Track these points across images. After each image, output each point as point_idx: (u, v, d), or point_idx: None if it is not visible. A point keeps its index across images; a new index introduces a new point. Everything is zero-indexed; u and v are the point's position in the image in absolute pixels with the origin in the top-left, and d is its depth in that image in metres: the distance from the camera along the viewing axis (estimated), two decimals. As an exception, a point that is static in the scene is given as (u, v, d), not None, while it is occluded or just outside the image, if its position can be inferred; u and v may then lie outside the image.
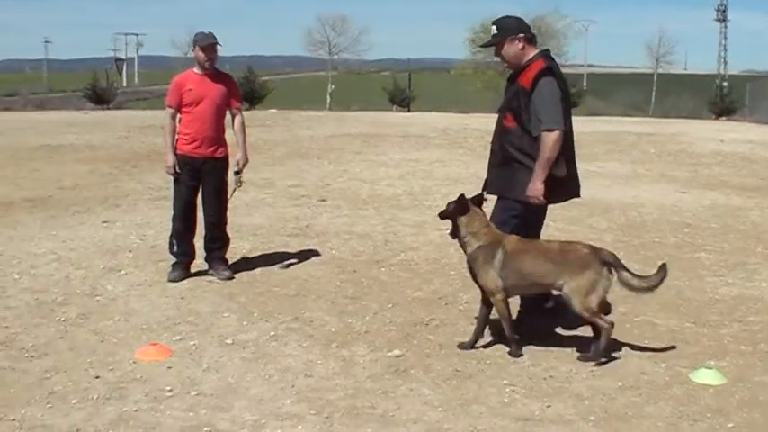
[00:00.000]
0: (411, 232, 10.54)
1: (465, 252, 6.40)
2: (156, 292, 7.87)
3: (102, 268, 8.59)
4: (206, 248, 8.38)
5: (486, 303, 6.39)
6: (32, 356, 6.26)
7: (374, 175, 15.21)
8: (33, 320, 7.02)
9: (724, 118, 33.82)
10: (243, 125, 8.27)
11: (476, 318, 6.66)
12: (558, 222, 11.13)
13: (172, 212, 8.35)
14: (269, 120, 25.95)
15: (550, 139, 6.25)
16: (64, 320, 7.05)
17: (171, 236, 8.28)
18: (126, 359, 6.23)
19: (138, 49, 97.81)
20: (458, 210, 6.39)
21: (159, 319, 7.10)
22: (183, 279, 8.19)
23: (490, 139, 6.92)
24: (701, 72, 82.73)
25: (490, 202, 6.84)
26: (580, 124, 7.71)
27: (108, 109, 33.57)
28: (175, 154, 8.09)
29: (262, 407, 5.51)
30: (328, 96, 34.10)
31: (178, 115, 8.18)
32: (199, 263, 8.57)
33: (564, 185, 6.52)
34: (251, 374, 6.01)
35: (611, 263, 6.08)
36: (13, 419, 5.21)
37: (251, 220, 10.93)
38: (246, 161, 8.31)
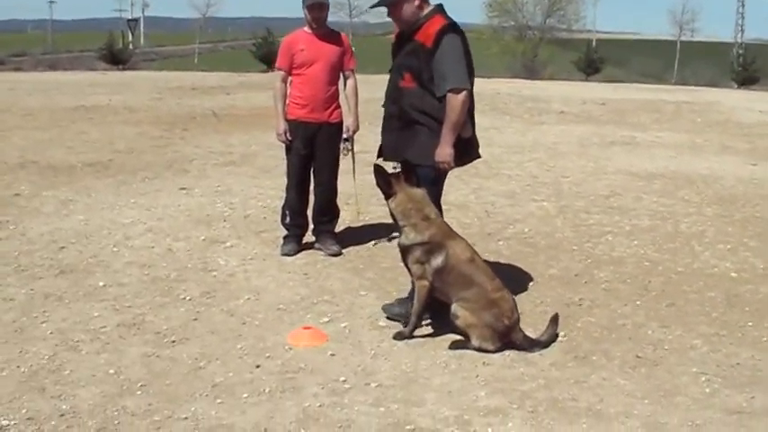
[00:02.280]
0: (507, 203, 9.95)
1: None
2: (273, 266, 7.25)
3: (202, 240, 7.94)
4: (315, 221, 7.84)
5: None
6: (173, 342, 5.65)
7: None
8: (155, 299, 6.39)
9: (746, 87, 33.21)
10: (356, 88, 7.67)
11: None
12: (650, 195, 10.60)
13: (285, 182, 7.77)
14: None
15: (458, 101, 5.70)
16: (189, 299, 6.42)
17: (284, 206, 7.74)
18: (279, 345, 5.62)
19: (143, 10, 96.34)
20: (384, 188, 5.78)
21: (293, 299, 6.49)
22: (298, 253, 7.62)
23: (529, 105, 6.24)
24: (714, 40, 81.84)
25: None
26: (612, 91, 6.84)
27: (124, 69, 32.68)
28: (286, 120, 7.38)
29: (455, 400, 4.96)
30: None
31: (289, 78, 7.52)
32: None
33: (469, 147, 6.04)
34: (424, 362, 5.44)
35: (517, 346, 5.65)
36: (186, 417, 4.64)
37: (342, 187, 10.24)
38: (357, 128, 7.66)
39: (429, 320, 6.00)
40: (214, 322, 5.99)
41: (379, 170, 5.84)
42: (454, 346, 5.63)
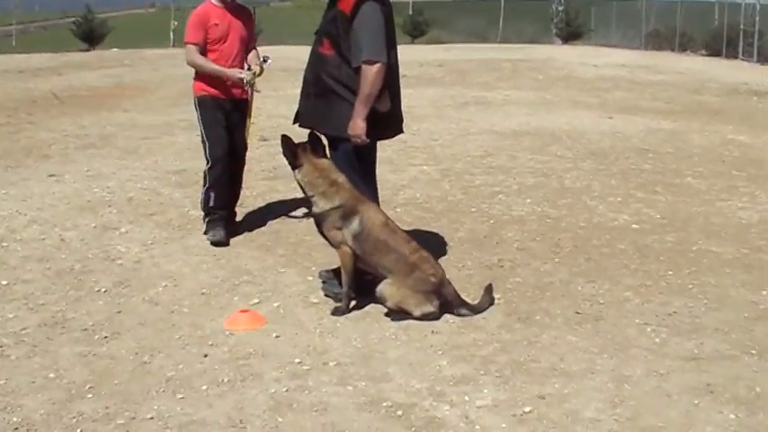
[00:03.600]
0: (388, 169, 9.85)
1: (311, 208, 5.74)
2: (178, 250, 6.96)
3: (93, 227, 7.53)
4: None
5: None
6: (105, 338, 5.30)
7: (292, 110, 14.21)
8: (68, 294, 5.99)
9: (570, 42, 34.34)
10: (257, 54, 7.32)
11: None
12: (523, 153, 10.82)
13: (206, 162, 7.22)
14: (126, 60, 24.27)
15: (371, 73, 5.53)
16: (105, 291, 6.05)
17: (208, 187, 7.18)
18: (217, 331, 5.37)
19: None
20: (290, 159, 5.72)
21: (212, 282, 6.23)
22: (229, 238, 7.15)
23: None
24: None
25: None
26: (444, 52, 6.78)
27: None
28: (197, 96, 7.17)
29: (420, 372, 4.88)
30: (171, 33, 32.20)
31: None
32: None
33: (389, 122, 5.92)
34: (373, 336, 5.35)
35: (449, 302, 5.62)
36: (151, 417, 4.36)
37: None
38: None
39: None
40: (140, 313, 5.65)
41: (285, 141, 5.71)
42: (397, 317, 5.48)
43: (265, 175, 9.48)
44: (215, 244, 7.04)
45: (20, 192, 8.71)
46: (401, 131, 6.12)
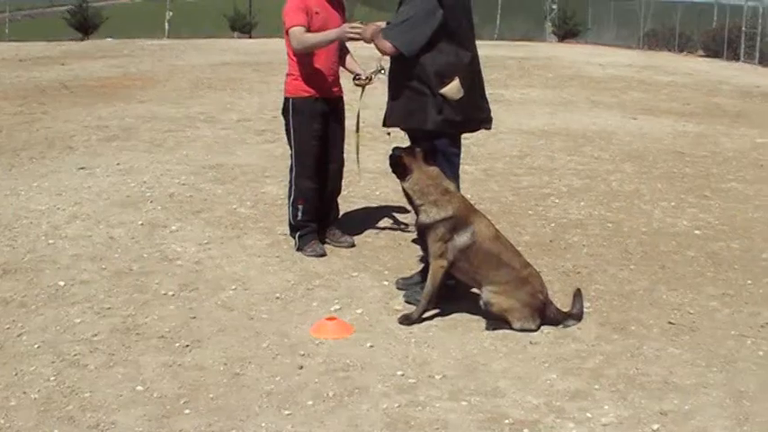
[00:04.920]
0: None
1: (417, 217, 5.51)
2: (237, 251, 6.72)
3: (141, 224, 7.22)
4: (325, 208, 6.91)
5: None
6: (186, 346, 5.01)
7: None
8: (133, 297, 5.69)
9: (566, 41, 34.21)
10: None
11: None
12: (559, 153, 10.58)
13: (294, 169, 6.70)
14: (124, 50, 23.79)
15: (383, 45, 5.53)
16: (172, 295, 5.75)
17: (294, 199, 6.67)
18: (306, 340, 5.11)
19: None
20: (399, 169, 5.49)
21: (284, 286, 5.96)
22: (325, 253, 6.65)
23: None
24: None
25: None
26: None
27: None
28: (292, 97, 6.63)
29: (531, 386, 4.67)
30: (167, 24, 31.73)
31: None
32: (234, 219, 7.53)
33: (468, 113, 5.71)
34: (471, 347, 5.12)
35: (552, 320, 5.43)
36: (264, 436, 3.95)
37: (241, 160, 9.68)
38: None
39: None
40: (216, 319, 5.35)
41: (395, 151, 5.53)
42: (492, 326, 5.24)
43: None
44: (317, 257, 6.62)
45: (52, 185, 8.39)
46: (487, 126, 5.89)
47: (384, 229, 7.30)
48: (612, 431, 4.20)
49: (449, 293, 5.55)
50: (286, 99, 6.54)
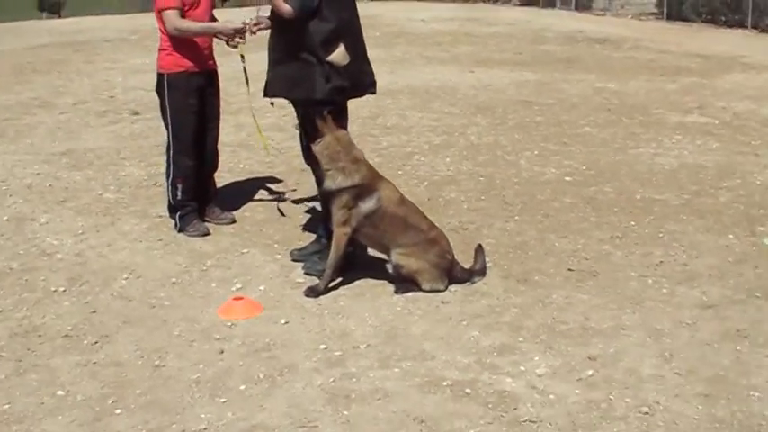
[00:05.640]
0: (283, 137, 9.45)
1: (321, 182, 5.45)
2: (116, 237, 6.47)
3: (6, 220, 6.90)
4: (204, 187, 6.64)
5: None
6: (96, 342, 4.80)
7: (145, 82, 13.42)
8: (23, 297, 5.43)
9: None
10: None
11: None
12: (410, 111, 10.67)
13: (171, 148, 6.50)
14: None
15: (282, 8, 5.38)
16: (63, 291, 5.52)
17: (174, 179, 6.44)
18: (217, 322, 4.98)
19: None
20: (310, 130, 5.41)
21: (176, 269, 5.78)
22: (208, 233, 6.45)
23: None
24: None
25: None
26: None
27: None
28: (167, 73, 6.37)
29: (457, 345, 4.73)
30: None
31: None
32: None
33: (355, 79, 5.61)
34: (385, 313, 5.10)
35: (458, 279, 5.48)
36: (205, 428, 3.95)
37: (90, 144, 9.35)
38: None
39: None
40: (118, 311, 5.15)
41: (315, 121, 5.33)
42: (401, 290, 5.24)
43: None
44: (199, 236, 6.44)
45: None
46: (372, 90, 5.79)
47: (260, 201, 7.18)
48: (549, 381, 4.26)
49: (349, 261, 5.46)
50: (160, 75, 6.28)
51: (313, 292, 5.25)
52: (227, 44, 6.23)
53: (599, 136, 9.35)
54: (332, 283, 5.35)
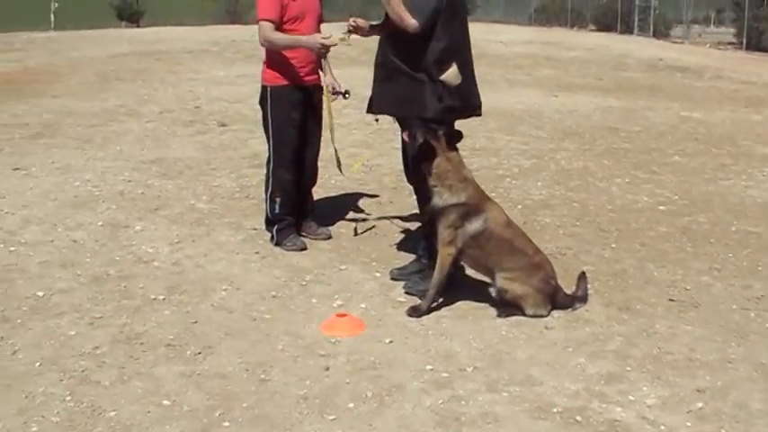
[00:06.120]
0: (371, 153, 9.43)
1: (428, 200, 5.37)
2: (212, 248, 6.50)
3: (100, 225, 6.92)
4: (302, 200, 6.67)
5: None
6: (198, 353, 4.79)
7: (229, 94, 13.65)
8: (122, 303, 5.43)
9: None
10: None
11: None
12: (498, 133, 10.60)
13: (271, 161, 6.49)
14: (15, 43, 22.76)
15: (403, 14, 5.32)
16: (162, 299, 5.50)
17: (272, 193, 6.44)
18: (321, 339, 4.97)
19: None
20: (424, 153, 5.29)
21: (276, 283, 5.79)
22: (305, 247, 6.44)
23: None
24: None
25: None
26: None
27: None
28: (270, 86, 6.42)
29: (564, 372, 4.65)
30: (52, 15, 30.60)
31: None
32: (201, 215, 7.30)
33: (464, 99, 5.60)
34: (489, 335, 5.05)
35: (561, 305, 5.39)
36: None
37: (179, 153, 9.40)
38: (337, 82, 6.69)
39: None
40: (219, 323, 5.14)
41: (417, 136, 5.33)
42: (503, 313, 5.18)
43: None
44: (297, 251, 6.43)
45: (-12, 186, 7.87)
46: (479, 113, 5.74)
47: (356, 219, 7.13)
48: (659, 412, 4.17)
49: (450, 282, 5.42)
50: (263, 88, 6.32)
51: (416, 312, 5.18)
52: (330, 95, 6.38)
53: (689, 165, 9.19)
54: (434, 304, 5.23)
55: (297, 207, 6.54)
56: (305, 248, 6.33)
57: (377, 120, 5.81)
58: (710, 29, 37.81)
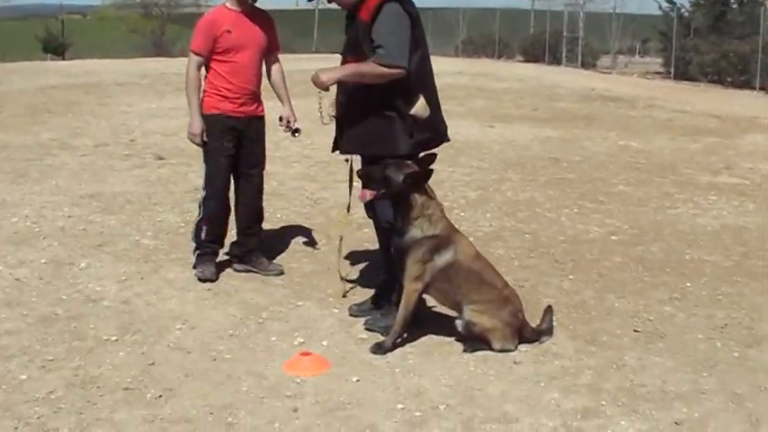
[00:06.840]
0: (315, 186, 9.32)
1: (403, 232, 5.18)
2: (162, 286, 6.28)
3: (43, 263, 6.64)
4: (243, 233, 6.60)
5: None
6: (160, 396, 4.58)
7: (164, 127, 13.44)
8: (73, 345, 5.20)
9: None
10: (283, 74, 6.59)
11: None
12: (436, 165, 10.43)
13: (202, 192, 6.47)
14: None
15: (385, 72, 5.14)
16: (115, 340, 5.29)
17: (200, 220, 6.38)
18: (285, 378, 4.81)
19: None
20: (414, 182, 5.13)
21: (232, 321, 5.61)
22: (218, 275, 6.41)
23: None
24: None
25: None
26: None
27: None
28: (205, 114, 6.26)
29: (539, 408, 4.54)
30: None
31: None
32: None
33: (433, 130, 5.46)
34: (457, 371, 4.94)
35: (527, 339, 5.30)
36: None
37: (118, 188, 9.18)
38: (295, 118, 6.59)
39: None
40: (178, 364, 4.95)
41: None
42: (470, 348, 5.08)
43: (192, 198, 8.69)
44: (202, 281, 6.29)
45: None
46: (447, 139, 5.64)
47: (302, 252, 6.99)
48: (641, 447, 4.04)
49: (415, 318, 5.31)
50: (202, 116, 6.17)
51: (380, 349, 5.06)
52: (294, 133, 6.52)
53: (635, 195, 9.27)
54: (398, 340, 5.11)
55: (221, 237, 6.52)
56: (213, 280, 6.32)
57: (347, 159, 5.66)
58: (636, 59, 38.64)
